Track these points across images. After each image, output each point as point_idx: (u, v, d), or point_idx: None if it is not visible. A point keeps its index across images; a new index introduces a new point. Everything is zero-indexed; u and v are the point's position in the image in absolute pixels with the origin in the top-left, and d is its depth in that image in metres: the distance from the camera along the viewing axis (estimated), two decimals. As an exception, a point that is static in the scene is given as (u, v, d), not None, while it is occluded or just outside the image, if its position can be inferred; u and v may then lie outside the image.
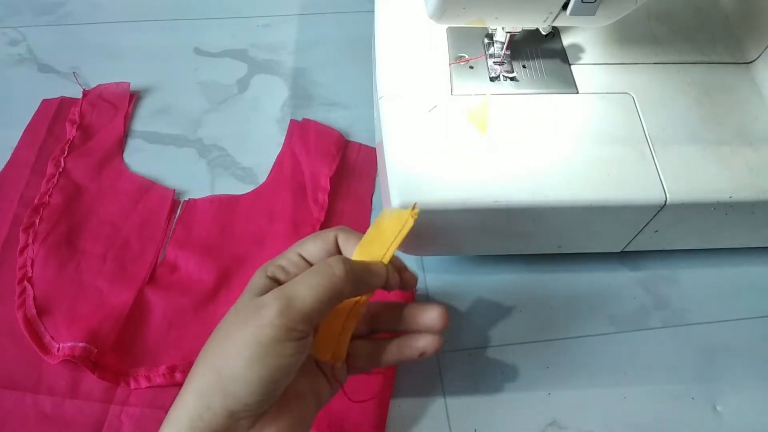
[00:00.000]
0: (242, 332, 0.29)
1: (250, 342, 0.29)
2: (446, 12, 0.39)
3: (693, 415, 0.45)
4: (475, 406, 0.45)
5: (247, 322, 0.30)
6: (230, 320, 0.31)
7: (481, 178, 0.42)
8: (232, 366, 0.29)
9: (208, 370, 0.30)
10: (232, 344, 0.30)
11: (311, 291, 0.30)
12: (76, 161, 0.54)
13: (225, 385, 0.29)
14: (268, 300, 0.30)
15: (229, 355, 0.29)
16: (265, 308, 0.29)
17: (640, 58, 0.49)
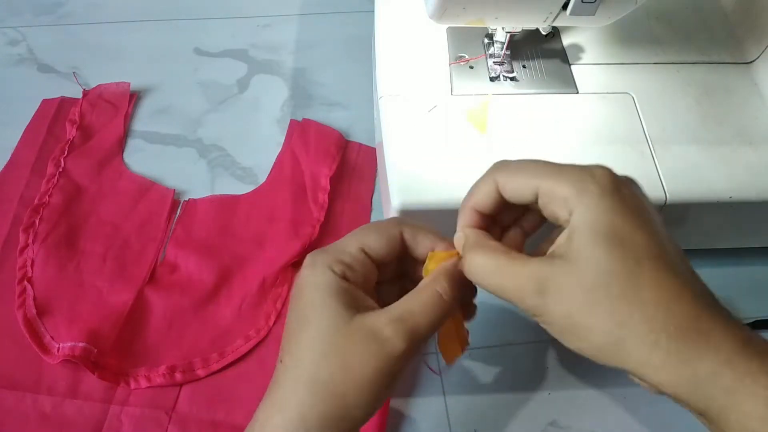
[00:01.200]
0: (367, 364, 0.30)
1: (379, 375, 0.30)
2: (446, 12, 0.39)
3: (693, 415, 0.45)
4: (475, 406, 0.45)
5: (367, 351, 0.30)
6: (331, 339, 0.30)
7: (481, 178, 0.42)
8: (359, 395, 0.30)
9: (330, 396, 0.29)
10: (356, 374, 0.30)
11: (429, 321, 0.31)
12: (76, 161, 0.54)
13: (348, 412, 0.30)
14: (389, 330, 0.30)
15: (355, 385, 0.29)
16: (389, 340, 0.30)
17: (640, 58, 0.49)
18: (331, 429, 0.29)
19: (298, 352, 0.30)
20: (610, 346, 0.27)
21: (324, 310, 0.31)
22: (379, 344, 0.30)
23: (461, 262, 0.32)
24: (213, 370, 0.45)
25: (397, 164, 0.42)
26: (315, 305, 0.31)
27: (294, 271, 0.49)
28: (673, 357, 0.26)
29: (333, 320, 0.30)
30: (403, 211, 0.41)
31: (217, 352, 0.45)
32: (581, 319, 0.28)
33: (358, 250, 0.33)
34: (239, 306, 0.47)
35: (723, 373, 0.25)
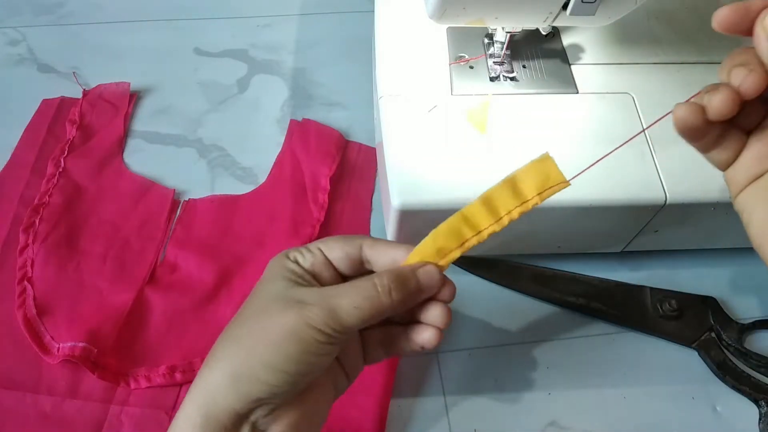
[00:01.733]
0: (282, 323, 0.30)
1: (290, 336, 0.29)
2: (446, 12, 0.39)
3: (693, 415, 0.45)
4: (475, 406, 0.45)
5: (286, 314, 0.30)
6: (263, 304, 0.31)
7: (481, 178, 0.42)
8: (269, 354, 0.29)
9: (242, 350, 0.30)
10: (270, 332, 0.30)
11: (356, 310, 0.30)
12: (76, 161, 0.54)
13: (257, 371, 0.29)
14: (312, 300, 0.30)
15: (266, 342, 0.30)
16: (308, 308, 0.30)
17: (640, 58, 0.49)
18: (236, 388, 0.29)
19: (235, 317, 0.32)
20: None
21: (267, 283, 0.32)
22: (296, 309, 0.30)
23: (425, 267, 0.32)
24: (213, 370, 0.45)
25: (397, 164, 0.42)
26: (262, 281, 0.33)
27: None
28: None
29: (270, 290, 0.32)
30: (403, 211, 0.41)
31: (217, 352, 0.45)
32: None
33: (316, 248, 0.33)
34: (239, 306, 0.47)
35: None
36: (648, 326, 0.48)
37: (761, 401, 0.44)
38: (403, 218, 0.42)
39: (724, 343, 0.47)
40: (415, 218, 0.42)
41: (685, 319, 0.48)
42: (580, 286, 0.49)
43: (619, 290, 0.49)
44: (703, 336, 0.47)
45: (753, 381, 0.45)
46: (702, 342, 0.47)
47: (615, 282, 0.50)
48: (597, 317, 0.49)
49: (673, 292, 0.49)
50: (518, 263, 0.50)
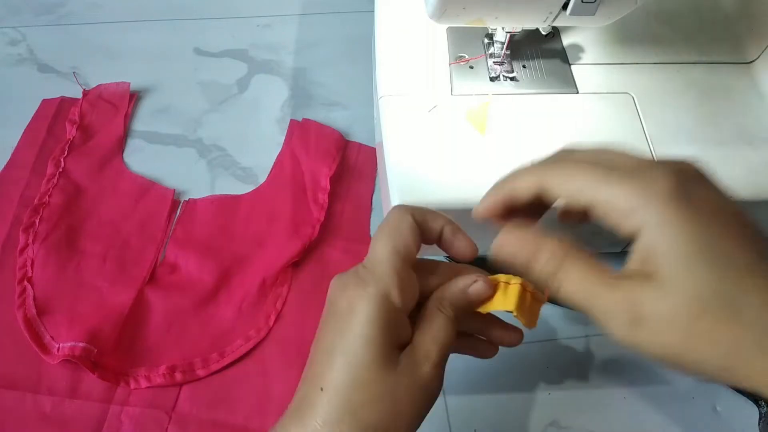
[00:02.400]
0: (411, 404, 0.29)
1: (418, 414, 0.30)
2: (446, 12, 0.39)
3: (693, 415, 0.45)
4: (475, 406, 0.45)
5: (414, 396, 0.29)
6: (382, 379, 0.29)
7: (481, 178, 0.42)
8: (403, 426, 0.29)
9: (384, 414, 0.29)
10: (398, 412, 0.29)
11: (448, 347, 0.31)
12: (76, 161, 0.54)
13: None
14: (433, 379, 0.30)
15: (395, 423, 0.29)
16: (432, 389, 0.30)
17: (640, 58, 0.49)
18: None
19: (340, 386, 0.29)
20: (719, 371, 0.25)
21: (374, 346, 0.29)
22: (422, 388, 0.30)
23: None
24: (213, 370, 0.45)
25: (397, 164, 0.42)
26: (362, 338, 0.29)
27: (294, 271, 0.49)
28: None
29: (384, 360, 0.29)
30: (403, 211, 0.41)
31: (217, 352, 0.45)
32: (684, 351, 0.25)
33: (405, 268, 0.30)
34: (239, 306, 0.47)
35: None
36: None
37: (761, 401, 0.44)
38: (403, 218, 0.42)
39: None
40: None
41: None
42: None
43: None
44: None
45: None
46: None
47: None
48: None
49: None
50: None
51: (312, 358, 0.31)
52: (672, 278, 0.24)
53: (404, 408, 0.29)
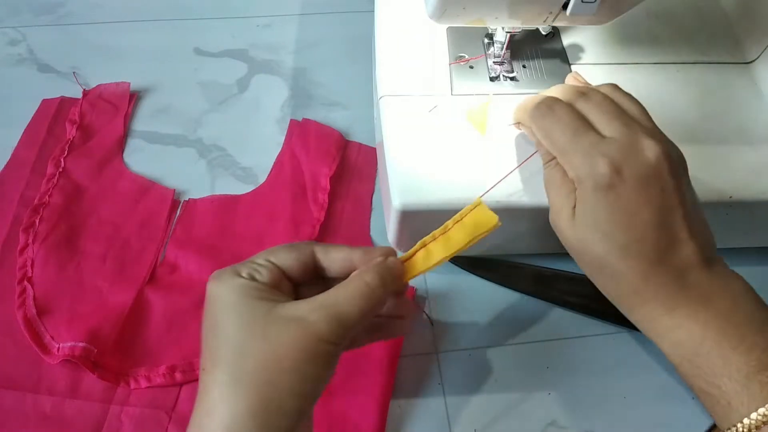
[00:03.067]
0: (293, 346, 0.29)
1: (306, 356, 0.29)
2: (446, 12, 0.39)
3: (693, 415, 0.45)
4: (475, 406, 0.45)
5: (291, 335, 0.29)
6: (249, 332, 0.30)
7: (482, 178, 0.42)
8: (291, 381, 0.29)
9: (261, 385, 0.29)
10: (283, 358, 0.29)
11: (355, 308, 0.31)
12: (76, 161, 0.54)
13: (285, 402, 0.29)
14: (311, 314, 0.30)
15: (285, 370, 0.29)
16: (313, 323, 0.29)
17: (640, 58, 0.49)
18: (266, 424, 0.28)
19: (218, 352, 0.30)
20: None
21: (238, 306, 0.30)
22: (302, 327, 0.29)
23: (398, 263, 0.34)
24: (213, 370, 0.45)
25: (397, 164, 0.42)
26: (228, 306, 0.30)
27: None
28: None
29: (250, 313, 0.30)
30: (403, 211, 0.41)
31: (217, 352, 0.45)
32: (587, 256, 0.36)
33: (265, 260, 0.32)
34: (239, 306, 0.47)
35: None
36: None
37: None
38: (404, 218, 0.42)
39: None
40: (416, 218, 0.42)
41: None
42: (580, 286, 0.49)
43: None
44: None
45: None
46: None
47: None
48: (597, 317, 0.49)
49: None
50: (518, 263, 0.50)
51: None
52: (578, 223, 0.35)
53: (278, 346, 0.29)
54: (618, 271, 0.34)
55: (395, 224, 0.43)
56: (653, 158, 0.33)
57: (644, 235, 0.33)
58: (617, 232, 0.33)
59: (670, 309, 0.34)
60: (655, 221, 0.33)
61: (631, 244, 0.33)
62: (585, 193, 0.34)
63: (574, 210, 0.35)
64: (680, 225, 0.34)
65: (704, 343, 0.33)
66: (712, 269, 0.35)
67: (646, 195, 0.33)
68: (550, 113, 0.36)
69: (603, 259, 0.34)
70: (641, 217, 0.33)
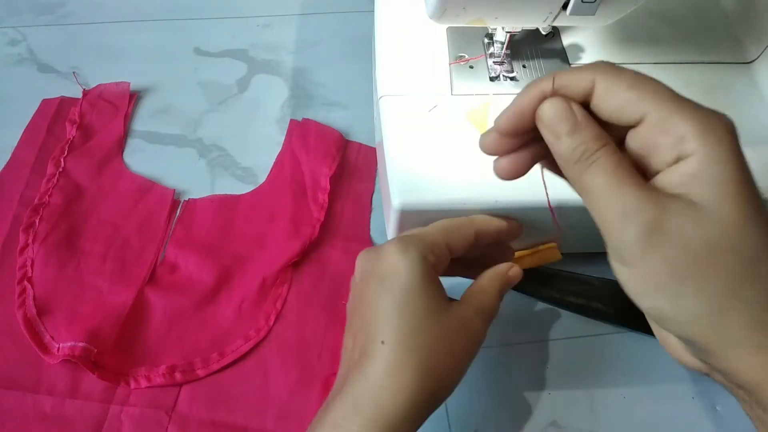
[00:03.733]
0: (464, 347, 0.34)
1: (469, 358, 0.34)
2: (446, 12, 0.39)
3: (693, 415, 0.45)
4: (475, 406, 0.45)
5: (466, 337, 0.34)
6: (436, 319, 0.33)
7: (481, 178, 0.42)
8: (453, 377, 0.33)
9: (431, 373, 0.32)
10: (452, 352, 0.33)
11: (495, 310, 0.37)
12: (76, 161, 0.54)
13: (443, 393, 0.33)
14: (479, 323, 0.35)
15: (450, 366, 0.33)
16: (479, 331, 0.35)
17: (640, 58, 0.49)
18: (429, 410, 0.32)
19: (400, 334, 0.32)
20: (706, 316, 0.23)
21: (424, 297, 0.33)
22: (473, 332, 0.34)
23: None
24: (213, 370, 0.45)
25: (397, 164, 0.42)
26: (412, 291, 0.33)
27: (294, 271, 0.49)
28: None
29: (435, 308, 0.33)
30: (403, 211, 0.41)
31: (217, 352, 0.45)
32: (687, 277, 0.23)
33: (445, 247, 0.36)
34: (239, 306, 0.47)
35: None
36: (648, 326, 0.48)
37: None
38: (404, 218, 0.42)
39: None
40: (416, 218, 0.42)
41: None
42: (580, 286, 0.49)
43: (620, 290, 0.49)
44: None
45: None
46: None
47: (616, 282, 0.50)
48: (597, 317, 0.49)
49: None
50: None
51: (356, 326, 0.34)
52: (711, 205, 0.23)
53: (457, 350, 0.33)
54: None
55: (395, 224, 0.43)
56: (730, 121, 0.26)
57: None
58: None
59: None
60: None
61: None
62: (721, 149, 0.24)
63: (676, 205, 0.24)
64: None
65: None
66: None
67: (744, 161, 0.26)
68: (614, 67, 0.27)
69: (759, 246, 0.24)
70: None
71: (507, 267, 0.39)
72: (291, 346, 0.46)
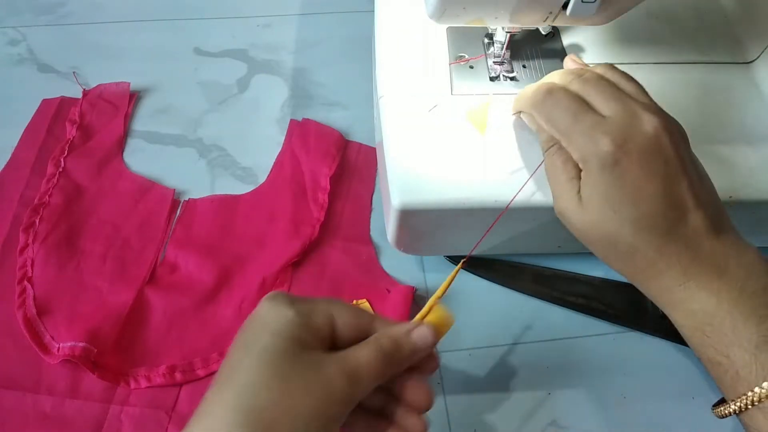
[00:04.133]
0: (307, 401, 0.29)
1: (315, 414, 0.29)
2: (446, 12, 0.39)
3: (693, 415, 0.45)
4: (475, 406, 0.45)
5: (312, 391, 0.29)
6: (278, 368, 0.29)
7: (481, 178, 0.42)
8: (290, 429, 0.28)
9: (261, 423, 0.28)
10: (292, 407, 0.29)
11: (374, 383, 0.31)
12: (76, 161, 0.54)
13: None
14: (339, 382, 0.30)
15: (289, 419, 0.28)
16: (336, 389, 0.29)
17: (640, 58, 0.49)
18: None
19: (238, 375, 0.29)
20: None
21: (276, 338, 0.30)
22: (323, 381, 0.29)
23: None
24: (213, 370, 0.45)
25: (397, 164, 0.42)
26: (268, 332, 0.30)
27: (294, 271, 0.49)
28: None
29: (283, 350, 0.29)
30: (403, 210, 0.41)
31: (217, 352, 0.45)
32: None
33: (327, 314, 0.32)
34: (239, 306, 0.47)
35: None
36: (648, 326, 0.48)
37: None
38: (403, 218, 0.42)
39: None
40: (415, 218, 0.42)
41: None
42: (580, 286, 0.49)
43: (620, 290, 0.49)
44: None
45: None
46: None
47: (615, 282, 0.50)
48: (597, 317, 0.49)
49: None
50: (518, 263, 0.51)
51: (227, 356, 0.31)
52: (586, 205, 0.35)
53: (295, 391, 0.29)
54: (632, 246, 0.34)
55: (395, 224, 0.43)
56: (652, 131, 0.34)
57: (653, 208, 0.34)
58: (627, 207, 0.34)
59: (683, 280, 0.34)
60: (662, 192, 0.34)
61: (642, 218, 0.34)
62: (591, 172, 0.34)
63: (579, 194, 0.35)
64: (686, 194, 0.34)
65: (717, 313, 0.33)
66: (724, 238, 0.35)
67: (650, 167, 0.34)
68: (550, 97, 0.36)
69: (615, 236, 0.34)
70: (648, 190, 0.34)
71: (406, 326, 0.33)
72: (291, 346, 0.46)
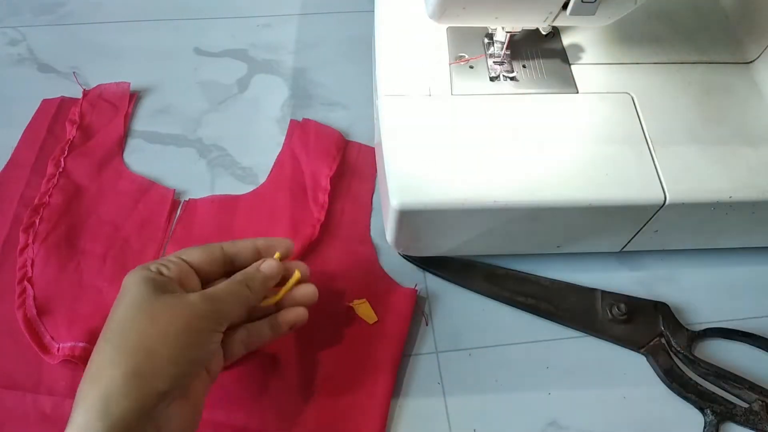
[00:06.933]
0: (175, 321, 0.34)
1: (183, 329, 0.34)
2: (446, 12, 0.39)
3: (693, 415, 0.45)
4: (475, 406, 0.45)
5: (176, 312, 0.34)
6: (141, 312, 0.34)
7: (481, 178, 0.42)
8: (169, 349, 0.33)
9: (139, 351, 0.32)
10: (165, 331, 0.33)
11: (233, 304, 0.37)
12: (76, 161, 0.54)
13: (162, 366, 0.32)
14: (197, 300, 0.35)
15: (164, 339, 0.33)
16: (195, 305, 0.35)
17: (640, 58, 0.49)
18: (141, 386, 0.31)
19: (108, 329, 0.34)
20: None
21: (137, 294, 0.34)
22: (186, 305, 0.35)
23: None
24: (213, 369, 0.45)
25: (397, 164, 0.42)
26: (128, 293, 0.35)
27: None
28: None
29: (144, 298, 0.34)
30: (402, 210, 0.41)
31: (217, 352, 0.45)
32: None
33: (175, 257, 0.38)
34: (239, 306, 0.47)
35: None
36: (597, 329, 0.48)
37: (706, 409, 0.44)
38: (403, 218, 0.42)
39: (674, 349, 0.46)
40: (415, 218, 0.42)
41: (635, 323, 0.47)
42: (530, 286, 0.49)
43: (571, 292, 0.49)
44: (652, 341, 0.47)
45: (699, 389, 0.45)
46: (651, 347, 0.47)
47: (566, 283, 0.49)
48: (546, 318, 0.48)
49: (624, 296, 0.49)
50: (471, 261, 0.50)
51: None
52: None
53: (161, 318, 0.33)
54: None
55: (394, 224, 0.43)
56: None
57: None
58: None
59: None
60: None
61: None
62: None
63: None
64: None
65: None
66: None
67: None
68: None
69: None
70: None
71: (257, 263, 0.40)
72: (291, 346, 0.46)
